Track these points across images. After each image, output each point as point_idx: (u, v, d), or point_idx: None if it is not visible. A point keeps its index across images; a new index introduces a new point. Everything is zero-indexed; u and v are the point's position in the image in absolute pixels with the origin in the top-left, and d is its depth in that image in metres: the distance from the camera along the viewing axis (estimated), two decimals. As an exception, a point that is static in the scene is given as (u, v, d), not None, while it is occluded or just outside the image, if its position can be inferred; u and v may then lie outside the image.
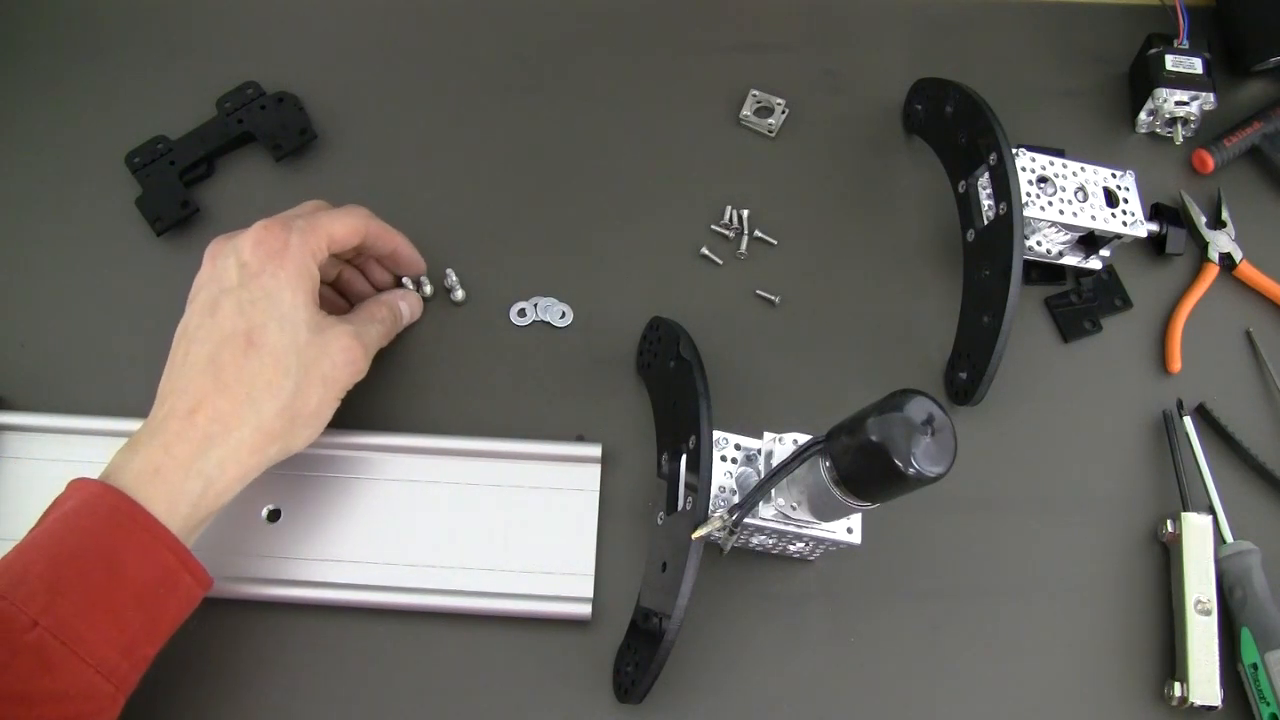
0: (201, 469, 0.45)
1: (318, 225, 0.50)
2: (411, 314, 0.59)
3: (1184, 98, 0.65)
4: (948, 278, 0.63)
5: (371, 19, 0.70)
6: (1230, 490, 0.59)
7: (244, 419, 0.46)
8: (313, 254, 0.49)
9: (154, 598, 0.44)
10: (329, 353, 0.49)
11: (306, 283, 0.49)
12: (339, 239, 0.51)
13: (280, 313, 0.47)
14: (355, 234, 0.52)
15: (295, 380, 0.47)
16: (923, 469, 0.37)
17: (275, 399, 0.47)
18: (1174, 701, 0.54)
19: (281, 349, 0.47)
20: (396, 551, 0.55)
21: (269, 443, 0.47)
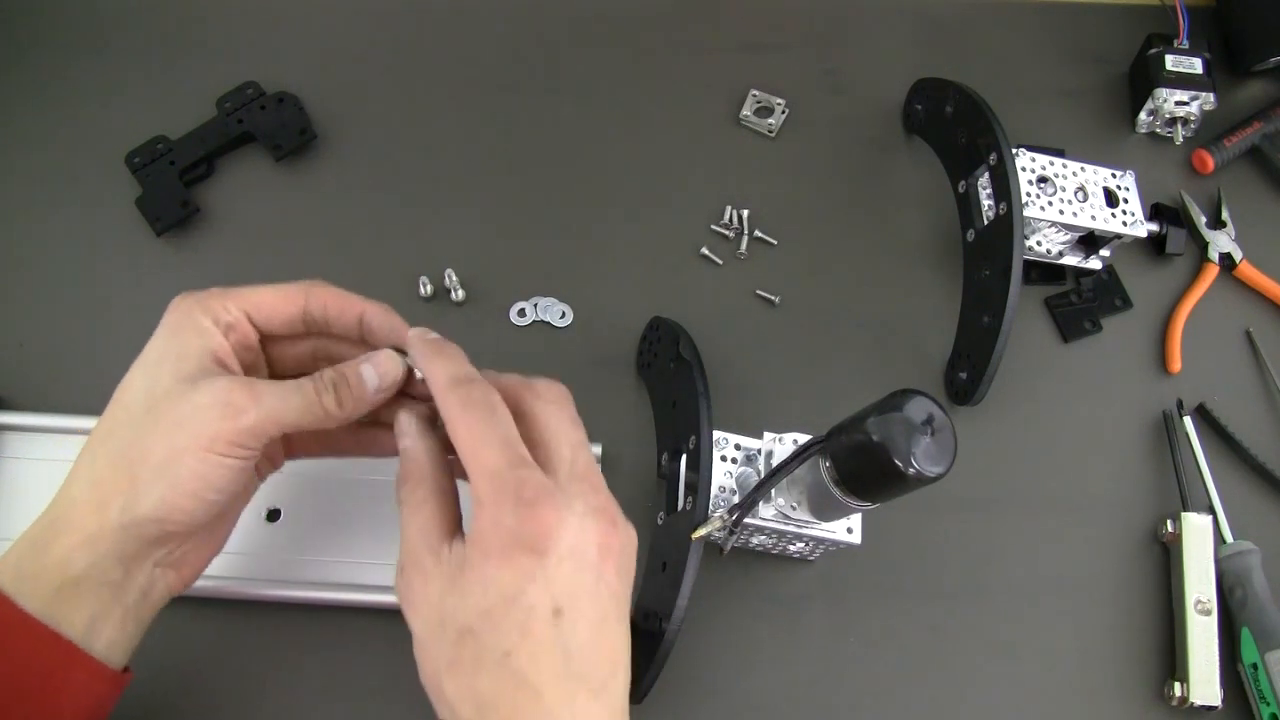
0: (35, 535, 0.40)
1: (235, 290, 0.43)
2: (382, 378, 0.43)
3: (1184, 98, 0.65)
4: (948, 278, 0.63)
5: (371, 19, 0.70)
6: (1230, 490, 0.59)
7: (79, 474, 0.40)
8: (206, 310, 0.42)
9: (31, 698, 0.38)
10: (193, 396, 0.40)
11: (190, 337, 0.41)
12: (263, 305, 0.43)
13: (147, 365, 0.41)
14: (287, 299, 0.44)
15: (135, 426, 0.40)
16: (923, 469, 0.37)
17: (112, 447, 0.40)
18: (1174, 701, 0.54)
19: (137, 398, 0.41)
20: (396, 551, 0.55)
21: (109, 499, 0.39)
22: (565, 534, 0.36)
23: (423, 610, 0.37)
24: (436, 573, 0.37)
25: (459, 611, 0.36)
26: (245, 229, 0.63)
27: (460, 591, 0.36)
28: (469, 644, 0.36)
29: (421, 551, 0.38)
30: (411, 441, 0.41)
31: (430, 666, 0.37)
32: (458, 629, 0.36)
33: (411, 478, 0.40)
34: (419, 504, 0.39)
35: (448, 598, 0.36)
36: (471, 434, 0.37)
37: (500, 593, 0.35)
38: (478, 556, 0.36)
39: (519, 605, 0.35)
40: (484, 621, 0.36)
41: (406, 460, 0.41)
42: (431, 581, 0.37)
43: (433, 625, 0.37)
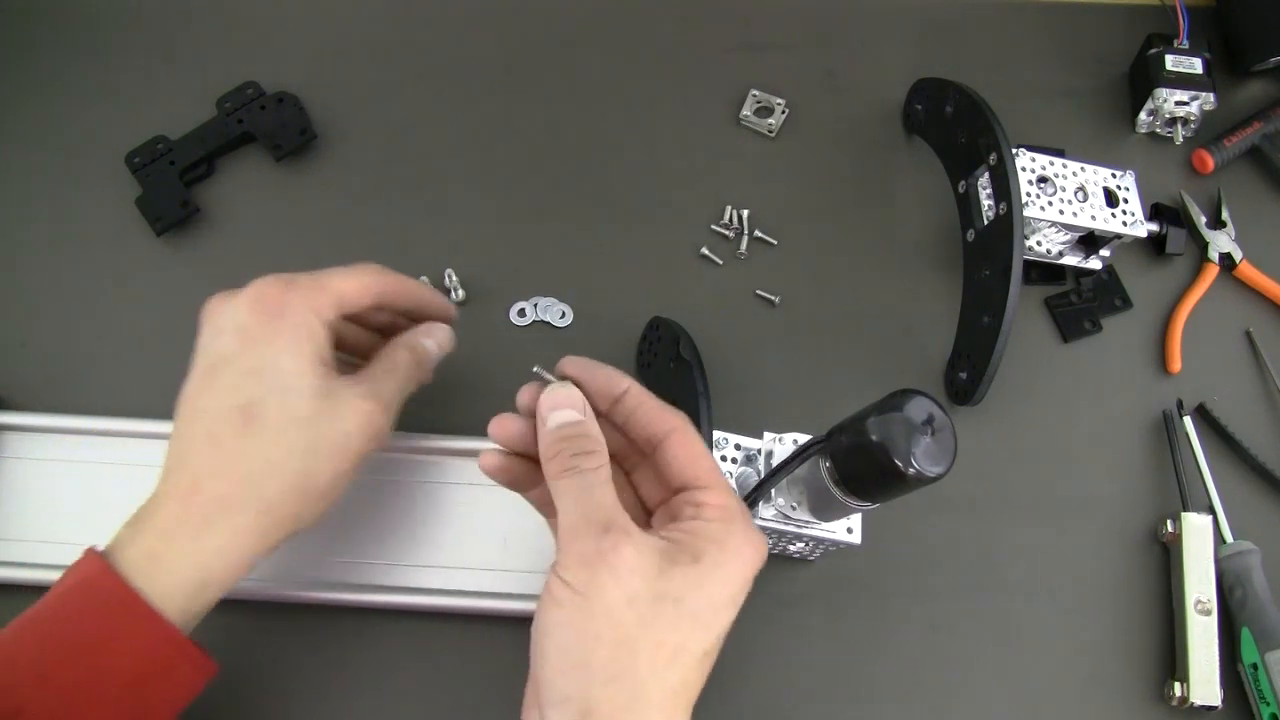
0: (198, 558, 0.41)
1: (322, 282, 0.45)
2: (441, 347, 0.50)
3: (1184, 98, 0.65)
4: (948, 278, 0.63)
5: (371, 19, 0.70)
6: (1230, 490, 0.59)
7: (244, 502, 0.42)
8: (317, 313, 0.44)
9: (146, 687, 0.41)
10: (340, 421, 0.43)
11: (309, 346, 0.43)
12: (349, 297, 0.46)
13: (281, 383, 0.42)
14: (366, 291, 0.47)
15: (302, 458, 0.43)
16: (923, 469, 0.37)
17: (279, 479, 0.42)
18: (1174, 701, 0.54)
19: (283, 424, 0.42)
20: (397, 551, 0.55)
21: (276, 527, 0.43)
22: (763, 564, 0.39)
23: (632, 580, 0.36)
24: (650, 548, 0.37)
25: (688, 596, 0.36)
26: (245, 229, 0.63)
27: (693, 577, 0.36)
28: (684, 629, 0.36)
29: (627, 523, 0.37)
30: (585, 418, 0.41)
31: (619, 634, 0.35)
32: (679, 611, 0.36)
33: (592, 451, 0.40)
34: (606, 477, 0.39)
35: (672, 578, 0.36)
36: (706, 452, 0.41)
37: (732, 593, 0.38)
38: (722, 554, 0.37)
39: (734, 608, 0.38)
40: (708, 614, 0.37)
41: (577, 432, 0.40)
42: (645, 555, 0.36)
43: (643, 597, 0.36)
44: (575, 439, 0.40)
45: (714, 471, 0.40)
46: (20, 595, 0.54)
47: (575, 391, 0.41)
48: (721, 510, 0.39)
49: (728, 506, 0.39)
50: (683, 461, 0.40)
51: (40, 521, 0.55)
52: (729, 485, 0.40)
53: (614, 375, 0.42)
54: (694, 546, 0.37)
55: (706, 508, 0.39)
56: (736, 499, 0.40)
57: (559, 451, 0.39)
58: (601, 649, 0.35)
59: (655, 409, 0.41)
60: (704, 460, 0.40)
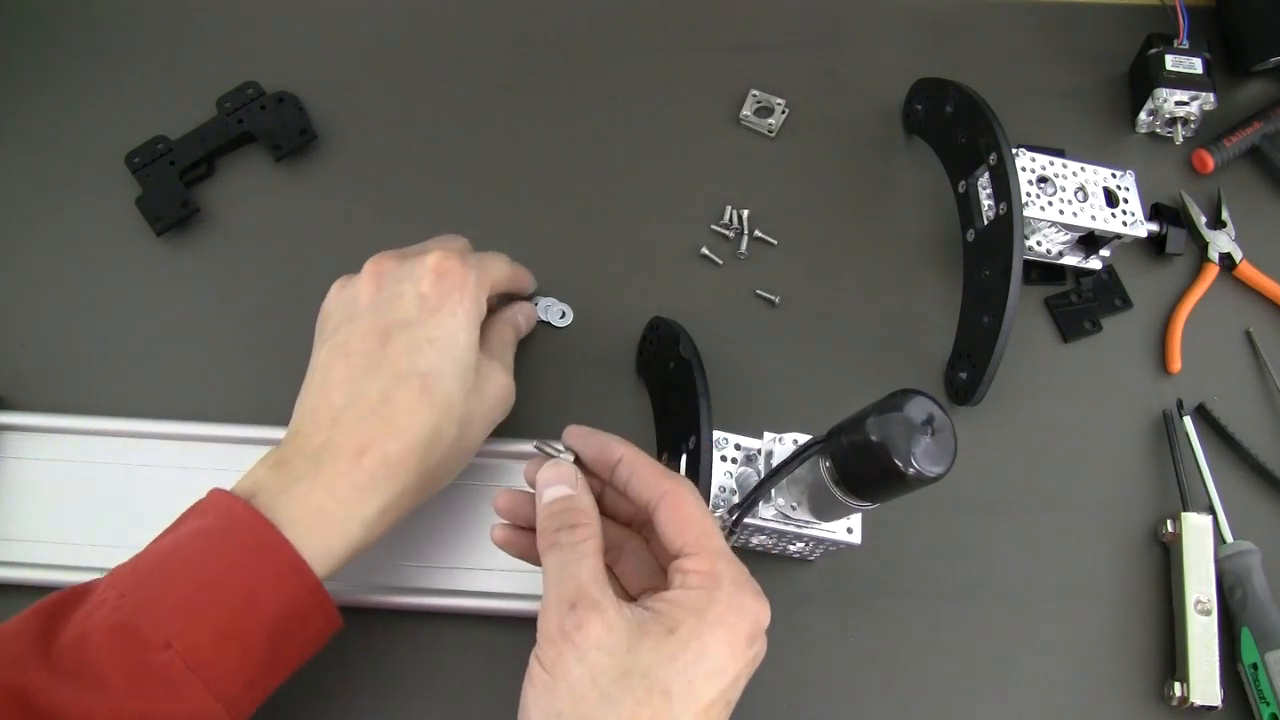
0: (365, 516, 0.43)
1: (485, 264, 0.50)
2: (529, 323, 0.58)
3: (1184, 98, 0.65)
4: (948, 278, 0.63)
5: (371, 19, 0.70)
6: (1230, 490, 0.59)
7: (411, 467, 0.44)
8: (484, 292, 0.48)
9: (286, 634, 0.41)
10: (488, 393, 0.48)
11: (478, 324, 0.47)
12: (500, 282, 0.52)
13: (455, 355, 0.45)
14: (510, 281, 0.54)
15: (461, 427, 0.46)
16: (923, 469, 0.37)
17: (442, 447, 0.45)
18: (1174, 701, 0.54)
19: (456, 395, 0.45)
20: (396, 551, 0.55)
21: (429, 487, 0.46)
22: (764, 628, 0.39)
23: (595, 657, 0.36)
24: (620, 622, 0.36)
25: (658, 670, 0.36)
26: (245, 229, 0.63)
27: (665, 650, 0.36)
28: (655, 704, 0.35)
29: (599, 598, 0.37)
30: (580, 493, 0.42)
31: (580, 713, 0.35)
32: (649, 687, 0.35)
33: (579, 523, 0.40)
34: (588, 551, 0.39)
35: (642, 653, 0.36)
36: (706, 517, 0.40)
37: (713, 665, 0.36)
38: (701, 624, 0.37)
39: (717, 681, 0.36)
40: (685, 687, 0.36)
41: (567, 506, 0.41)
42: (615, 630, 0.36)
43: (608, 675, 0.35)
44: (562, 514, 0.40)
45: (705, 536, 0.39)
46: (20, 595, 0.54)
47: (569, 467, 0.42)
48: (705, 577, 0.38)
49: (713, 573, 0.38)
50: (673, 527, 0.39)
51: (40, 521, 0.55)
52: (720, 549, 0.39)
53: (608, 443, 0.42)
54: (670, 617, 0.37)
55: (690, 575, 0.38)
56: (728, 564, 0.39)
57: (546, 527, 0.40)
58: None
59: (649, 475, 0.41)
60: (693, 525, 0.39)
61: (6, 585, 0.53)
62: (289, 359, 0.60)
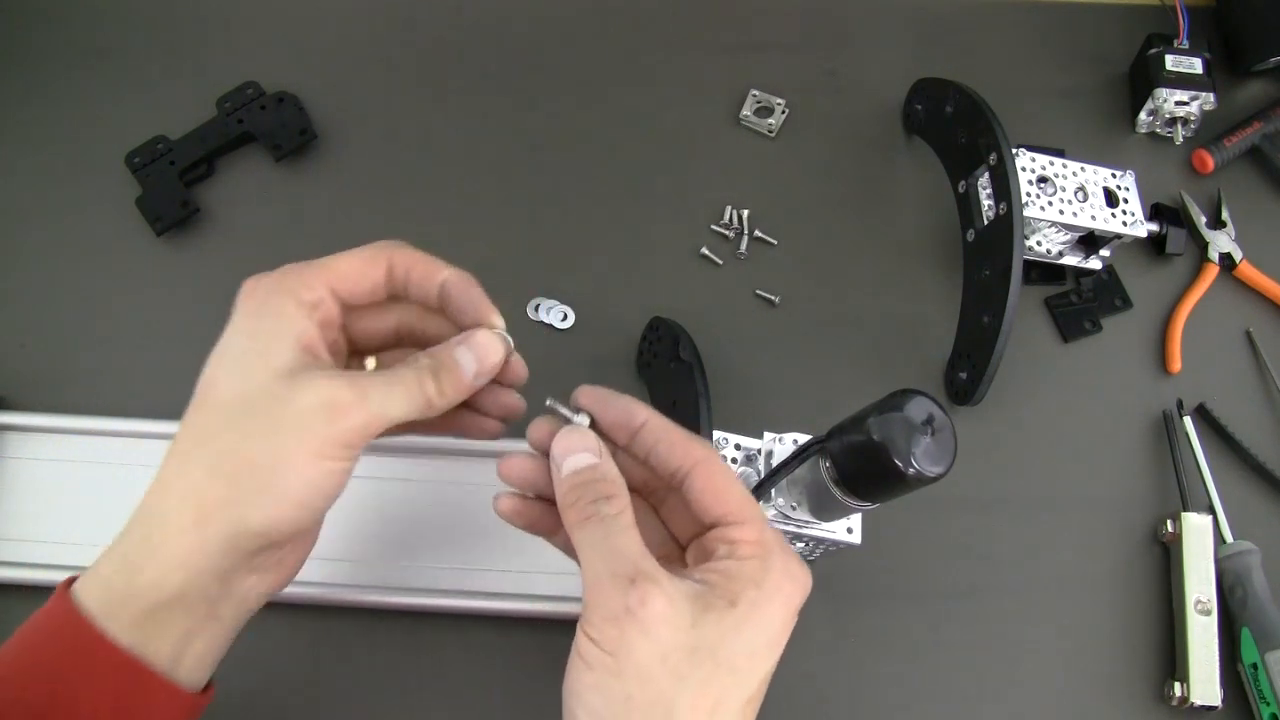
0: (126, 550, 0.37)
1: (313, 264, 0.41)
2: (481, 361, 0.41)
3: (1184, 98, 0.65)
4: (948, 278, 0.63)
5: (371, 19, 0.70)
6: (1230, 490, 0.59)
7: (172, 485, 0.37)
8: (288, 291, 0.39)
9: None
10: (295, 398, 0.36)
11: (273, 324, 0.38)
12: (347, 275, 0.41)
13: (232, 360, 0.38)
14: (369, 265, 0.41)
15: (233, 431, 0.36)
16: (923, 469, 0.37)
17: (208, 453, 0.36)
18: (1174, 701, 0.54)
19: (228, 399, 0.37)
20: (397, 551, 0.55)
21: (210, 512, 0.36)
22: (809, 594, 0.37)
23: (662, 633, 0.33)
24: (681, 595, 0.34)
25: (725, 644, 0.34)
26: (245, 229, 0.63)
27: (728, 623, 0.34)
28: (723, 680, 0.34)
29: (654, 570, 0.35)
30: (605, 460, 0.38)
31: (651, 694, 0.33)
32: (716, 662, 0.34)
33: (611, 495, 0.37)
34: (629, 522, 0.36)
35: (707, 627, 0.34)
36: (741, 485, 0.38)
37: (772, 636, 0.35)
38: (760, 595, 0.35)
39: (775, 651, 0.36)
40: (747, 661, 0.35)
41: (594, 477, 0.37)
42: (676, 604, 0.34)
43: (678, 651, 0.33)
44: (592, 484, 0.37)
45: (746, 504, 0.37)
46: (20, 595, 0.54)
47: (589, 433, 0.39)
48: (756, 546, 0.36)
49: (762, 542, 0.36)
50: (711, 496, 0.37)
51: (40, 521, 0.55)
52: (763, 517, 0.38)
53: (631, 406, 0.39)
54: (729, 589, 0.35)
55: (740, 545, 0.36)
56: (772, 531, 0.37)
57: (576, 499, 0.37)
58: (634, 712, 0.33)
59: (678, 442, 0.38)
60: (733, 493, 0.37)
61: (6, 585, 0.53)
62: (289, 359, 0.60)
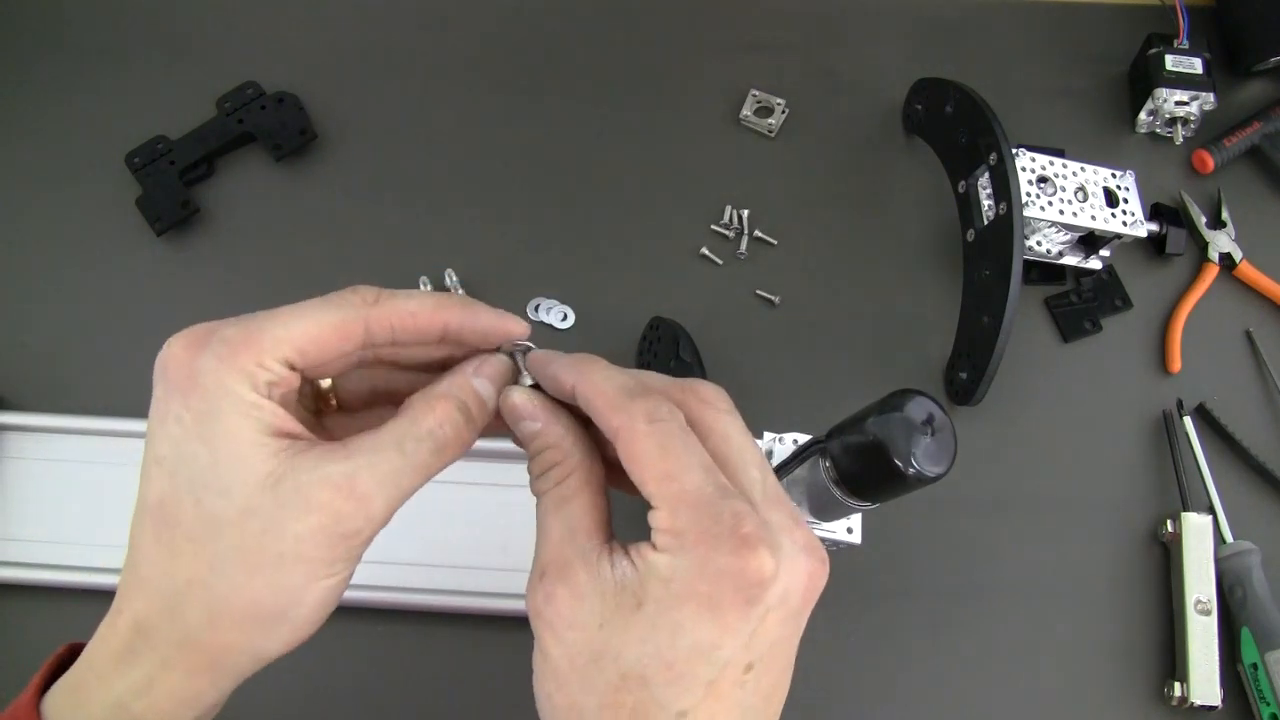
0: (120, 695, 0.32)
1: (257, 330, 0.33)
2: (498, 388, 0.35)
3: (1184, 98, 0.65)
4: (948, 278, 0.63)
5: (371, 19, 0.70)
6: (1230, 490, 0.59)
7: (162, 630, 0.32)
8: (241, 375, 0.31)
9: None
10: (288, 520, 0.31)
11: (235, 423, 0.31)
12: (309, 346, 0.32)
13: (195, 475, 0.31)
14: (337, 333, 0.33)
15: (231, 571, 0.31)
16: (923, 469, 0.37)
17: (202, 603, 0.31)
18: (1174, 701, 0.54)
19: (204, 528, 0.31)
20: (396, 551, 0.55)
21: (211, 662, 0.32)
22: (779, 580, 0.30)
23: (568, 636, 0.30)
24: (593, 591, 0.30)
25: (628, 652, 0.30)
26: (245, 229, 0.63)
27: (634, 630, 0.29)
28: (634, 691, 0.30)
29: (572, 559, 0.30)
30: (546, 424, 0.33)
31: (565, 699, 0.30)
32: (621, 672, 0.30)
33: (555, 464, 0.32)
34: (567, 496, 0.32)
35: (612, 632, 0.30)
36: (666, 454, 0.30)
37: (693, 644, 0.29)
38: (668, 596, 0.29)
39: (711, 660, 0.29)
40: (663, 673, 0.29)
41: (541, 445, 0.33)
42: (585, 601, 0.30)
43: (582, 656, 0.30)
44: (537, 456, 0.33)
45: (663, 479, 0.30)
46: (20, 595, 0.54)
47: (526, 393, 0.34)
48: (668, 537, 0.29)
49: (673, 530, 0.29)
50: (630, 470, 0.31)
51: (40, 521, 0.55)
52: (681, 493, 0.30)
53: (562, 372, 0.33)
54: (639, 587, 0.30)
55: (656, 533, 0.30)
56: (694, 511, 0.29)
57: (533, 471, 0.33)
58: (557, 712, 0.30)
59: (600, 412, 0.31)
60: (648, 468, 0.30)
61: (7, 585, 0.53)
62: (289, 359, 0.60)
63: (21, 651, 0.54)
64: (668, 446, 0.31)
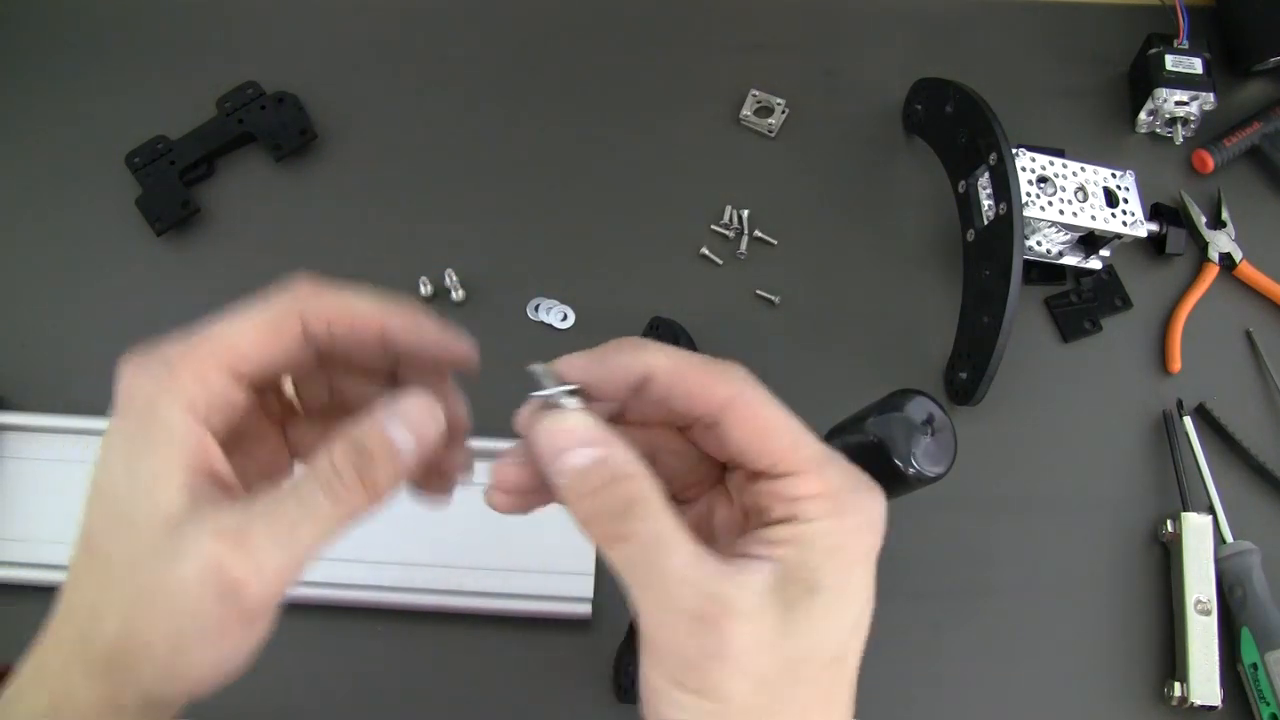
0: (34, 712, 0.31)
1: (202, 341, 0.32)
2: (423, 435, 0.32)
3: (1184, 98, 0.65)
4: (948, 278, 0.63)
5: (371, 19, 0.70)
6: (1230, 490, 0.59)
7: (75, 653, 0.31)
8: (180, 393, 0.30)
9: None
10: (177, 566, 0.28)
11: (159, 450, 0.30)
12: (247, 351, 0.31)
13: (112, 502, 0.30)
14: (272, 334, 0.32)
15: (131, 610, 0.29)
16: (923, 469, 0.37)
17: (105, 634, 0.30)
18: (1174, 701, 0.54)
19: (111, 558, 0.30)
20: (397, 551, 0.55)
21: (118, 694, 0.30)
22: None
23: (756, 662, 0.27)
24: (759, 607, 0.27)
25: (824, 644, 0.29)
26: (245, 229, 0.63)
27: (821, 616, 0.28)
28: (835, 673, 0.29)
29: (718, 590, 0.27)
30: (613, 449, 0.29)
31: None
32: (820, 663, 0.29)
33: (636, 496, 0.28)
34: (667, 527, 0.28)
35: (798, 633, 0.28)
36: (789, 418, 0.30)
37: (866, 600, 0.30)
38: (842, 565, 0.29)
39: (866, 617, 0.30)
40: (855, 639, 0.30)
41: (608, 477, 0.29)
42: (761, 619, 0.27)
43: (778, 670, 0.28)
44: (605, 490, 0.29)
45: (800, 444, 0.29)
46: (20, 595, 0.54)
47: (582, 419, 0.30)
48: (824, 502, 0.29)
49: (829, 492, 0.29)
50: (751, 445, 0.29)
51: (40, 521, 0.55)
52: (821, 453, 0.29)
53: (626, 361, 0.30)
54: (806, 570, 0.28)
55: (803, 502, 0.29)
56: (835, 465, 0.29)
57: (591, 514, 0.29)
58: None
59: (695, 386, 0.30)
60: (779, 435, 0.29)
61: (7, 585, 0.53)
62: (289, 359, 0.60)
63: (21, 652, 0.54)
64: (784, 411, 0.30)
